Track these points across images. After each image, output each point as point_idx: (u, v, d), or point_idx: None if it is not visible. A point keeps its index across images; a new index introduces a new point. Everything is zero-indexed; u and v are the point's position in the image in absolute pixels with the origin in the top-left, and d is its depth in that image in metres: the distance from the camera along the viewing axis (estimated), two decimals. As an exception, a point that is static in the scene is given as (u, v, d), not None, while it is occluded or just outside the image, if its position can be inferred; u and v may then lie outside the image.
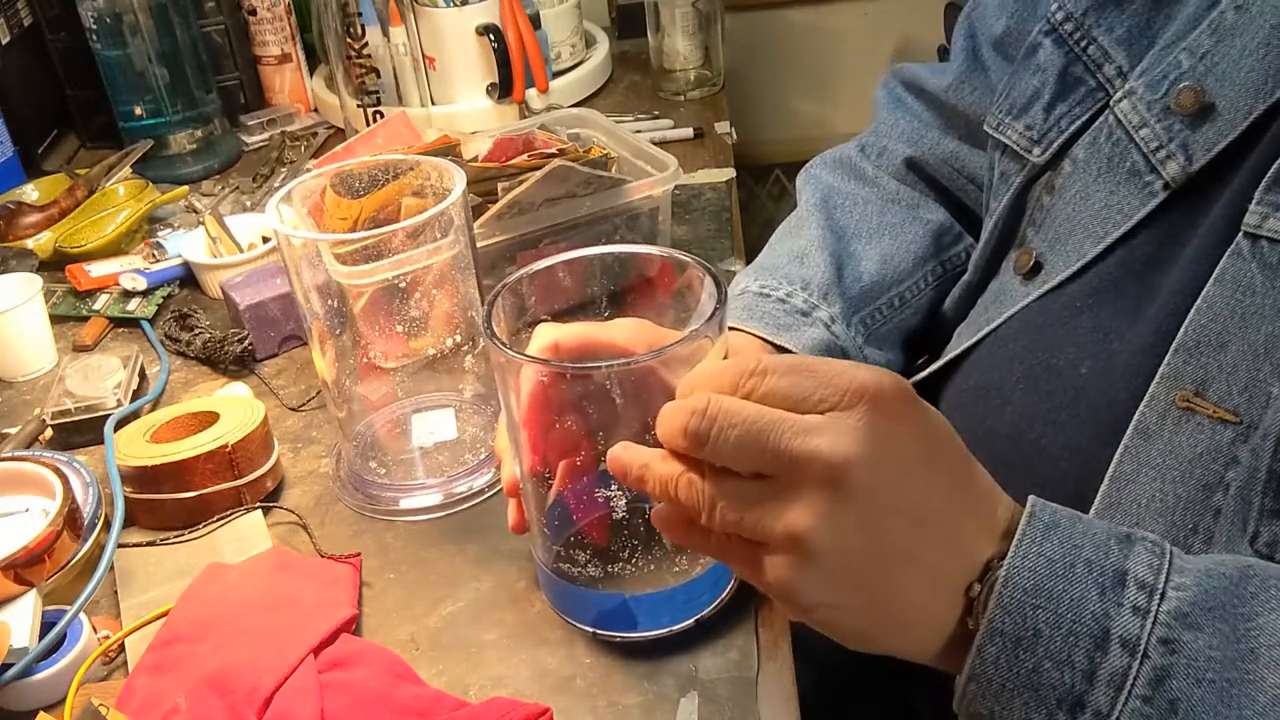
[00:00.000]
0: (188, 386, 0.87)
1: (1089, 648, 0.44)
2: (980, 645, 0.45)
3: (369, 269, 0.68)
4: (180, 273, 1.00)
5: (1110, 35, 0.64)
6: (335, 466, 0.77)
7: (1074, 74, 0.65)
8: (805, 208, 0.80)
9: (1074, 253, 0.63)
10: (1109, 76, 0.64)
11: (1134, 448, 0.56)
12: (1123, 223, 0.61)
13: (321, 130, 1.29)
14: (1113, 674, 0.43)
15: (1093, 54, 0.64)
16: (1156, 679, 0.43)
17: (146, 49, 1.15)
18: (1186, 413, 0.54)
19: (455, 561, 0.68)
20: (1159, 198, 0.59)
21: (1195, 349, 0.54)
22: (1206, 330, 0.54)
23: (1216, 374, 0.54)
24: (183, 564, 0.69)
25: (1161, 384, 0.55)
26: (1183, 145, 0.58)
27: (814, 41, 1.66)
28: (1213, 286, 0.54)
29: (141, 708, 0.58)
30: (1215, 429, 0.53)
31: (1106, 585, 0.44)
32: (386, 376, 0.77)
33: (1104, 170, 0.62)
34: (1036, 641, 0.44)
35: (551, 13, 1.25)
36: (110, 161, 1.13)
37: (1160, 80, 0.60)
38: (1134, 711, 0.43)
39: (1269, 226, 0.52)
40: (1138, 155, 0.61)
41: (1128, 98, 0.61)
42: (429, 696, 0.58)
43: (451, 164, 0.70)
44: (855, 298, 0.75)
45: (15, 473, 0.71)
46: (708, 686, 0.58)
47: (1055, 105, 0.66)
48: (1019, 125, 0.68)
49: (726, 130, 1.22)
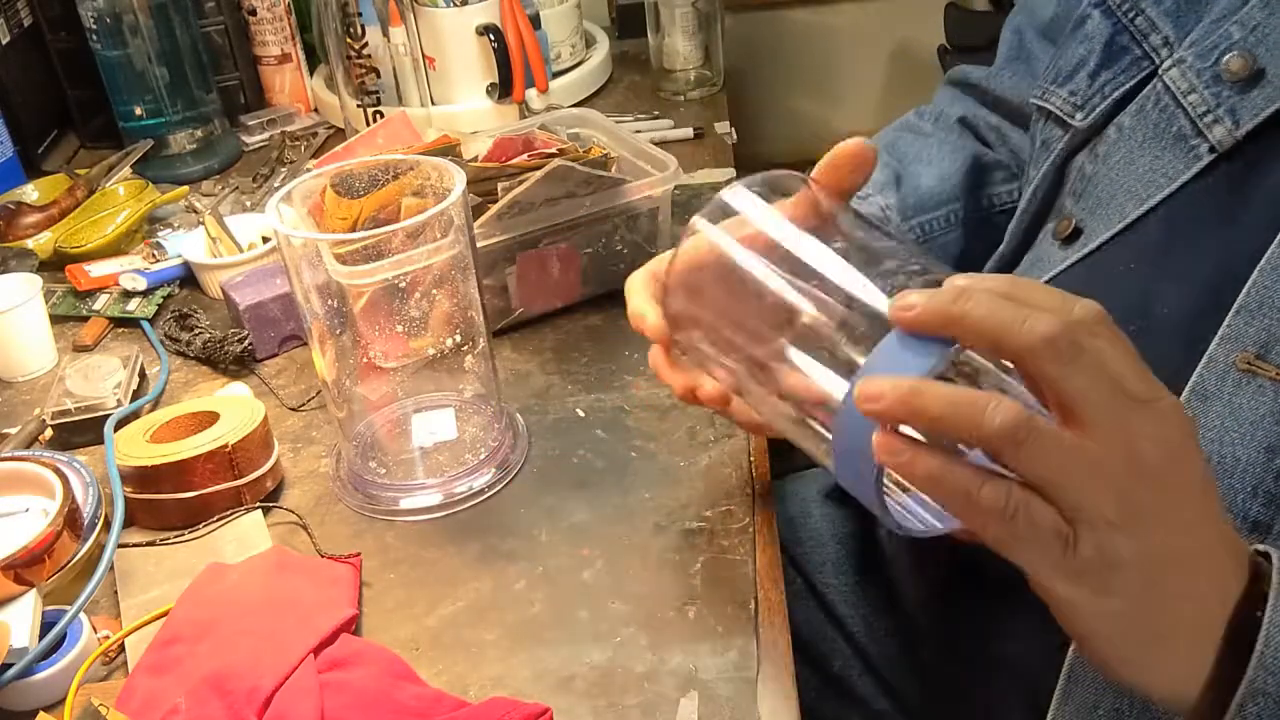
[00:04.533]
0: (188, 386, 0.87)
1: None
2: (1241, 703, 0.43)
3: (369, 269, 0.68)
4: (180, 273, 1.00)
5: (1158, 7, 0.65)
6: (335, 466, 0.77)
7: (1120, 43, 0.66)
8: None
9: (1115, 215, 0.63)
10: (1155, 46, 0.65)
11: (1190, 409, 0.55)
12: (1166, 185, 0.61)
13: (321, 130, 1.29)
14: None
15: (1140, 24, 0.65)
16: None
17: (146, 49, 1.15)
18: (1248, 375, 0.54)
19: (455, 561, 0.68)
20: (1204, 161, 0.60)
21: (1258, 310, 0.54)
22: (1271, 291, 0.53)
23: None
24: (183, 564, 0.69)
25: (1221, 345, 0.54)
26: (1230, 110, 0.59)
27: (814, 41, 1.66)
28: (1277, 248, 0.53)
29: (141, 708, 0.58)
30: (1278, 391, 0.53)
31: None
32: (386, 376, 0.77)
33: (1150, 136, 0.63)
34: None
35: (551, 13, 1.25)
36: (110, 161, 1.13)
37: (1210, 50, 0.60)
38: None
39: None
40: (1185, 120, 0.61)
41: (1177, 66, 0.62)
42: (429, 696, 0.58)
43: (451, 164, 0.70)
44: (913, 204, 0.81)
45: (15, 473, 0.71)
46: (708, 686, 0.58)
47: (1100, 72, 0.67)
48: (1063, 92, 0.69)
49: (726, 130, 1.22)
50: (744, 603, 0.63)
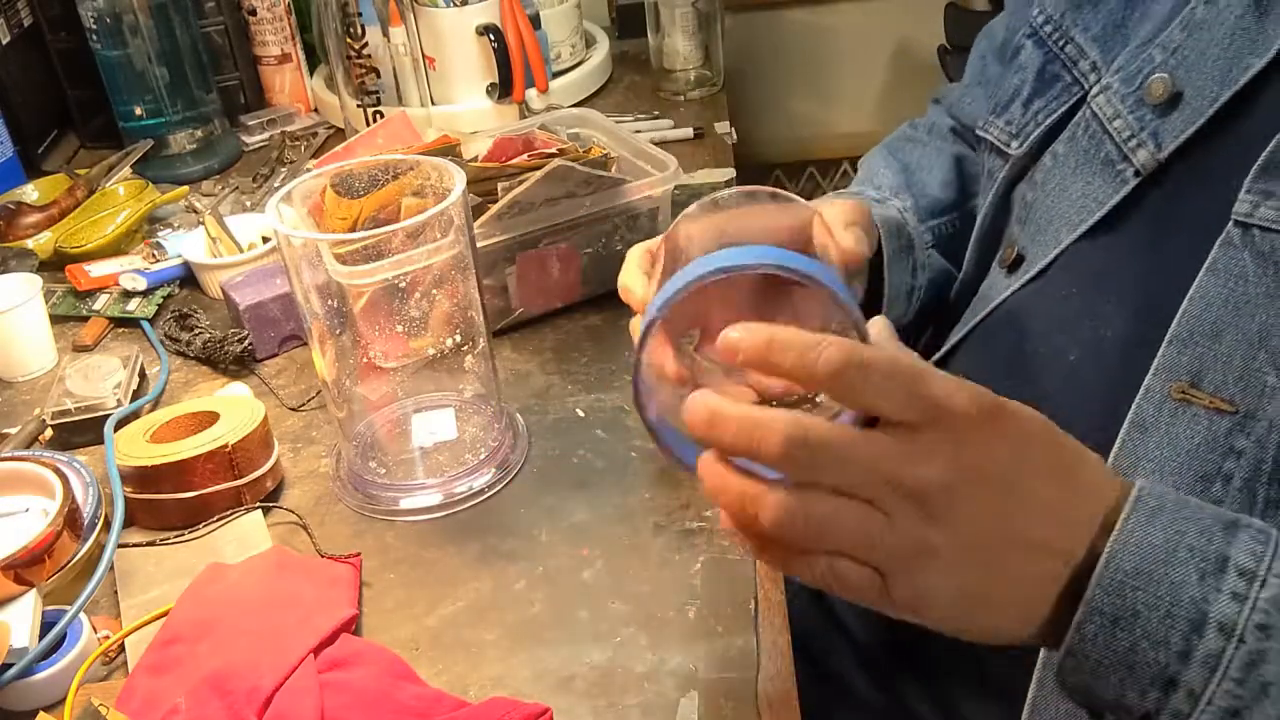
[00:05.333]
0: (188, 386, 0.87)
1: (1185, 630, 0.44)
2: (1080, 622, 0.45)
3: (369, 269, 0.68)
4: (180, 273, 1.00)
5: (1086, 34, 0.66)
6: (335, 466, 0.77)
7: (1051, 71, 0.68)
8: (864, 162, 0.87)
9: (1051, 241, 0.65)
10: (1084, 72, 0.66)
11: (1131, 441, 0.56)
12: (1097, 210, 0.62)
13: (321, 130, 1.29)
14: (1207, 656, 0.44)
15: (1069, 52, 0.67)
16: (1250, 662, 0.44)
17: (146, 49, 1.15)
18: (1183, 404, 0.55)
19: (455, 561, 0.68)
20: (1130, 185, 0.61)
21: (1189, 339, 0.55)
22: (1200, 320, 0.54)
23: (1212, 364, 0.54)
24: (183, 564, 0.69)
25: (1157, 376, 0.56)
26: (1153, 133, 0.60)
27: (814, 41, 1.66)
28: (1205, 276, 0.54)
29: (141, 708, 0.58)
30: (1212, 419, 0.54)
31: (1207, 571, 0.45)
32: (386, 376, 0.77)
33: (1081, 163, 0.64)
34: (1134, 622, 0.45)
35: (551, 13, 1.25)
36: (110, 161, 1.13)
37: (1135, 74, 0.62)
38: (1226, 693, 0.44)
39: (1260, 215, 0.53)
40: (1111, 145, 0.62)
41: (1104, 92, 0.63)
42: (429, 696, 0.58)
43: (451, 164, 0.70)
44: (925, 208, 0.81)
45: (15, 473, 0.71)
46: (708, 686, 0.58)
47: (1033, 101, 0.68)
48: (1000, 121, 0.71)
49: (726, 130, 1.22)
50: (744, 603, 0.63)
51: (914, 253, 0.78)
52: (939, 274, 0.81)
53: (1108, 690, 0.46)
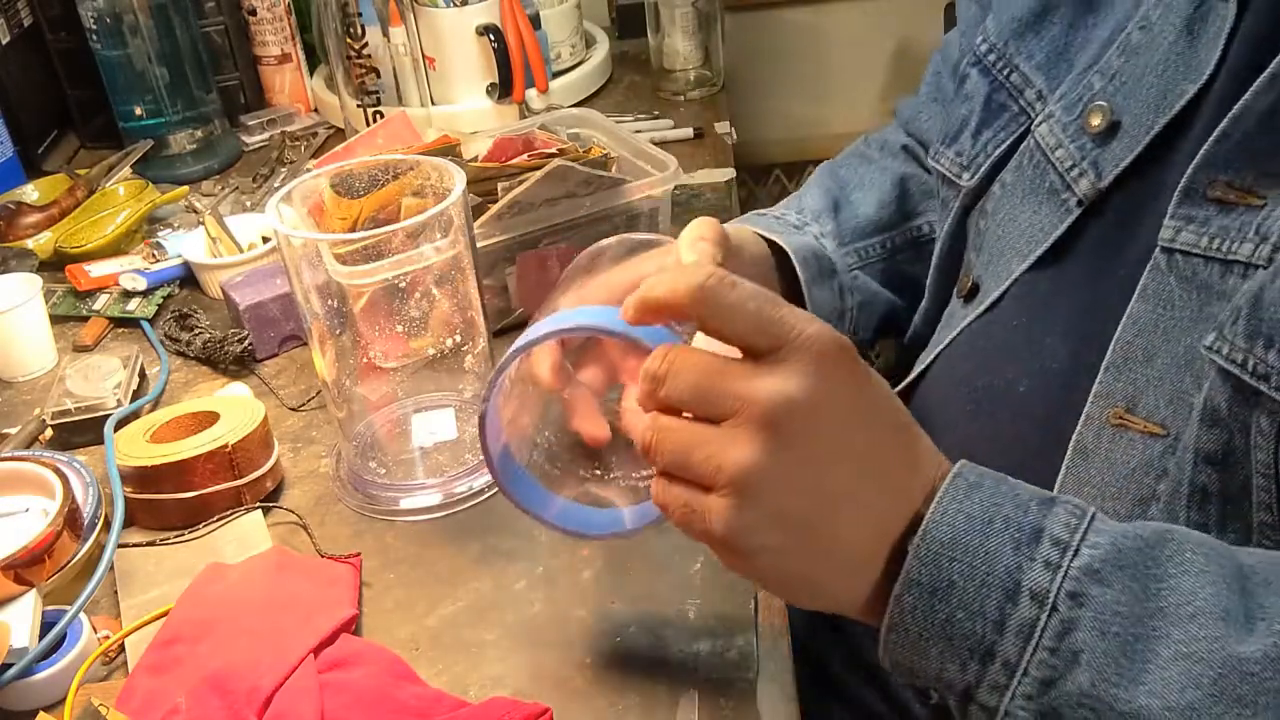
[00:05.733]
0: (188, 386, 0.87)
1: (1000, 599, 0.45)
2: (899, 594, 0.46)
3: (369, 269, 0.68)
4: (180, 273, 1.00)
5: (1030, 62, 0.66)
6: (335, 466, 0.77)
7: (998, 100, 0.68)
8: (810, 177, 0.87)
9: (1003, 272, 0.65)
10: (1030, 101, 0.66)
11: (1074, 467, 0.57)
12: (1043, 240, 0.63)
13: (321, 130, 1.29)
14: (1021, 625, 0.44)
15: (1015, 81, 0.67)
16: (1063, 630, 0.44)
17: (146, 49, 1.15)
18: (1120, 429, 0.56)
19: (455, 561, 0.68)
20: (1074, 214, 0.61)
21: (1124, 365, 0.56)
22: (1133, 346, 0.55)
23: (1145, 388, 0.55)
24: (183, 564, 0.69)
25: (1096, 403, 0.57)
26: (1093, 163, 0.61)
27: (814, 41, 1.66)
28: (1136, 302, 0.55)
29: (141, 708, 0.58)
30: (1147, 443, 0.55)
31: (1022, 541, 0.45)
32: (386, 376, 0.77)
33: (1028, 192, 0.65)
34: (950, 592, 0.45)
35: (551, 13, 1.25)
36: (110, 161, 1.13)
37: (1075, 102, 0.62)
38: (1040, 662, 0.44)
39: (1182, 240, 0.54)
40: (1055, 175, 0.63)
41: (1046, 121, 0.64)
42: (429, 696, 0.58)
43: (451, 164, 0.70)
44: (850, 230, 0.80)
45: (15, 473, 0.71)
46: (708, 686, 0.58)
47: (981, 131, 0.69)
48: (950, 153, 0.71)
49: (726, 130, 1.22)
50: (744, 603, 0.63)
51: (837, 276, 0.77)
52: (874, 296, 0.80)
53: (929, 665, 0.46)
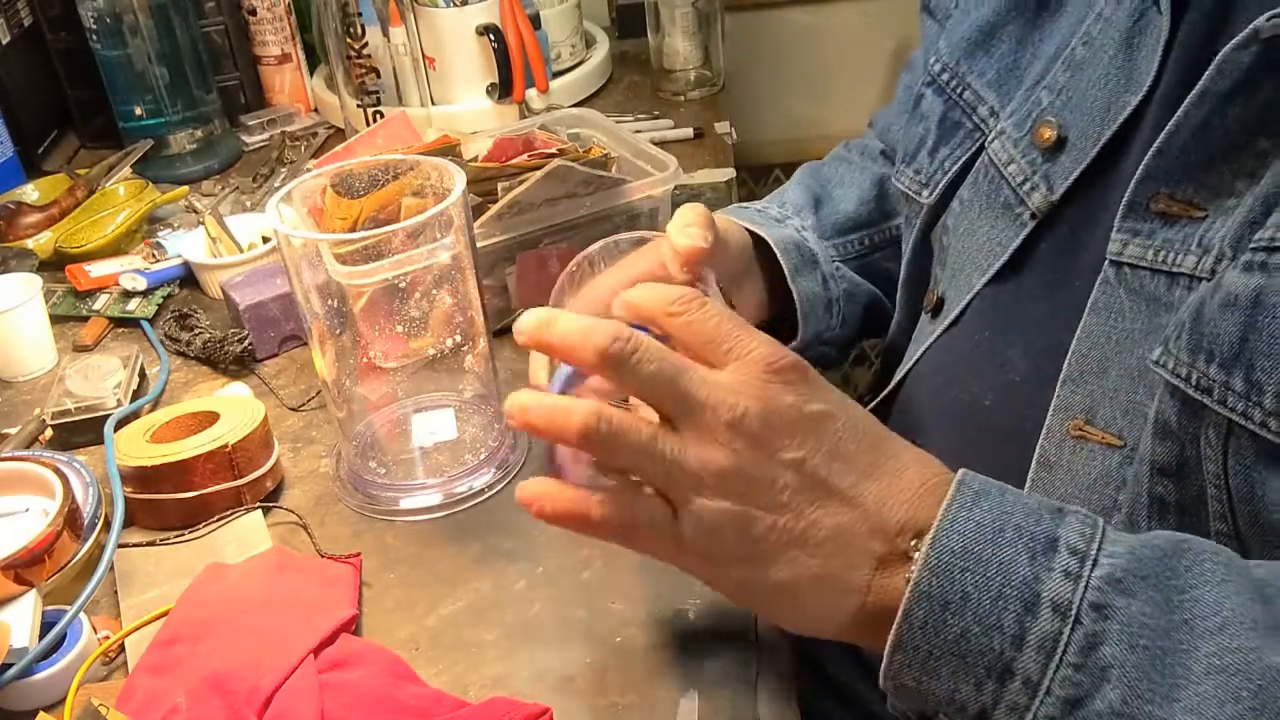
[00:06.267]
0: (188, 386, 0.87)
1: (1019, 611, 0.43)
2: (907, 609, 0.44)
3: (369, 269, 0.68)
4: (180, 273, 1.00)
5: (981, 79, 0.67)
6: (335, 466, 0.77)
7: (952, 118, 0.69)
8: (792, 177, 0.88)
9: (964, 287, 0.66)
10: (983, 117, 0.67)
11: (1039, 479, 0.57)
12: (1000, 254, 0.63)
13: (321, 130, 1.29)
14: (1043, 639, 0.42)
15: (967, 98, 0.68)
16: (1089, 645, 0.42)
17: (146, 49, 1.15)
18: (1080, 441, 0.56)
19: (455, 561, 0.68)
20: (1028, 228, 0.62)
21: (1080, 378, 0.56)
22: (1088, 359, 0.56)
23: (1101, 400, 0.55)
24: (183, 564, 0.69)
25: (1056, 415, 0.57)
26: (1045, 177, 0.61)
27: (814, 41, 1.66)
28: (1089, 315, 0.56)
29: (141, 708, 0.58)
30: (1105, 454, 0.55)
31: (1037, 550, 0.44)
32: (386, 376, 0.77)
33: (984, 207, 0.65)
34: (965, 605, 0.43)
35: (551, 13, 1.25)
36: (110, 161, 1.13)
37: (1025, 118, 0.63)
38: (1065, 679, 0.42)
39: (1129, 253, 0.54)
40: (1008, 190, 0.63)
41: (998, 138, 0.64)
42: (429, 696, 0.58)
43: (451, 164, 0.70)
44: (830, 225, 0.82)
45: (15, 473, 0.71)
46: (708, 686, 0.58)
47: (938, 149, 0.69)
48: (909, 171, 0.72)
49: (726, 130, 1.22)
50: (744, 603, 0.63)
51: (819, 266, 0.78)
52: (857, 287, 0.81)
53: (940, 686, 0.44)
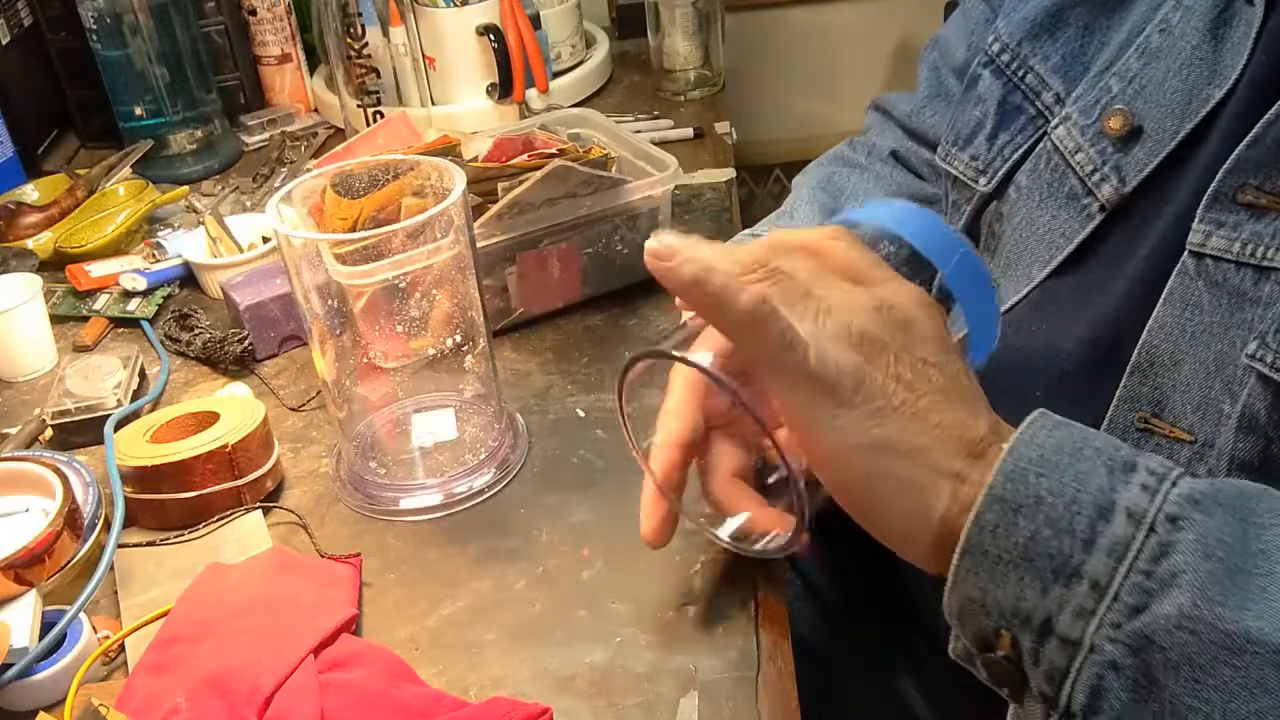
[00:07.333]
0: (188, 386, 0.87)
1: (1092, 516, 0.42)
2: (979, 512, 0.43)
3: (369, 269, 0.68)
4: (180, 273, 1.00)
5: (1046, 64, 0.65)
6: (335, 466, 0.77)
7: (1013, 103, 0.67)
8: (796, 185, 0.85)
9: (1023, 277, 0.64)
10: (1047, 104, 0.65)
11: None
12: (1065, 245, 0.62)
13: (321, 130, 1.29)
14: (1114, 543, 0.41)
15: (1030, 82, 0.66)
16: (1160, 553, 0.41)
17: (146, 49, 1.15)
18: (1145, 434, 0.55)
19: (455, 561, 0.68)
20: (1096, 220, 0.61)
21: (1150, 369, 0.55)
22: (1159, 350, 0.55)
23: (1171, 393, 0.55)
24: (183, 564, 0.69)
25: (1120, 406, 0.56)
26: (1116, 168, 0.60)
27: (814, 41, 1.66)
28: (1162, 307, 0.55)
29: (141, 708, 0.58)
30: (1173, 449, 0.54)
31: (1116, 467, 0.42)
32: (386, 376, 0.77)
33: (1045, 195, 0.64)
34: (1037, 508, 0.42)
35: (551, 13, 1.25)
36: (110, 161, 1.13)
37: (1093, 105, 0.61)
38: (1134, 586, 0.41)
39: (1212, 245, 0.53)
40: (1075, 179, 0.62)
41: (1063, 124, 0.63)
42: (429, 696, 0.58)
43: (451, 164, 0.70)
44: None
45: (15, 473, 0.71)
46: (708, 686, 0.58)
47: (998, 135, 0.67)
48: (964, 156, 0.70)
49: (726, 130, 1.22)
50: (744, 603, 0.63)
51: None
52: None
53: (1005, 594, 0.43)
